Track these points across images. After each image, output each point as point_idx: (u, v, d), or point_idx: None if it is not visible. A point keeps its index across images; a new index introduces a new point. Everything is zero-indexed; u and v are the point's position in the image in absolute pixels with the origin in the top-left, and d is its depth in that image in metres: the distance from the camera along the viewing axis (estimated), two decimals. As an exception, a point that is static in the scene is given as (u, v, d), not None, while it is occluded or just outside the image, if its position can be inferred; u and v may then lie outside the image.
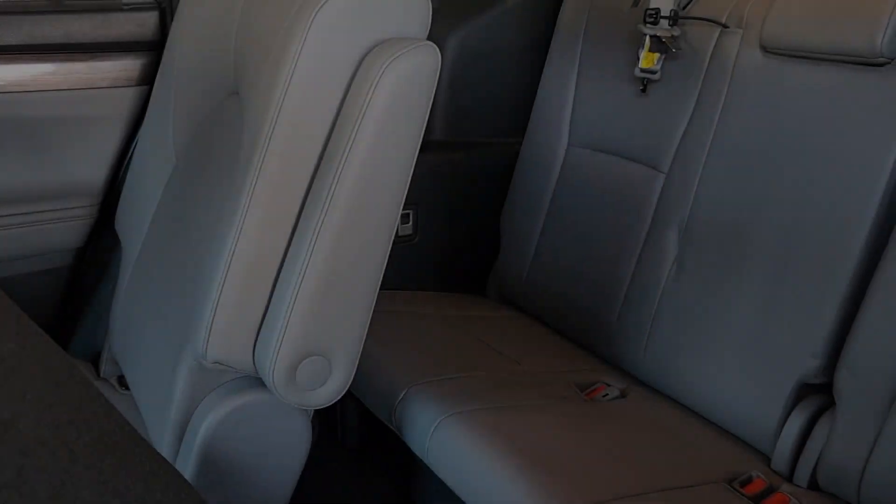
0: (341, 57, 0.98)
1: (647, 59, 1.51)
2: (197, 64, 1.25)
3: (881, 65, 1.20)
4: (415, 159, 1.03)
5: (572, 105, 1.71)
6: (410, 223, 1.80)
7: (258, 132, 0.99)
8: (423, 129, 1.02)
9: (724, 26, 1.43)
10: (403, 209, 1.77)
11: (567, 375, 1.49)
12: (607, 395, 1.44)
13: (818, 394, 1.25)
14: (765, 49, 1.35)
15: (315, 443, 1.16)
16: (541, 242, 1.74)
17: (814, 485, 1.21)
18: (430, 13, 1.03)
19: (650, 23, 1.48)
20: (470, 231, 1.89)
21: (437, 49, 1.00)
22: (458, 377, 1.39)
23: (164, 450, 1.11)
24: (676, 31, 1.48)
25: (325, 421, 1.62)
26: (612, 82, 1.62)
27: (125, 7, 1.46)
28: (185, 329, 1.06)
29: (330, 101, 1.00)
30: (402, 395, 1.34)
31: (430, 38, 1.02)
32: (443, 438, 1.23)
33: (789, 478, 1.23)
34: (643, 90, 1.55)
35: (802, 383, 1.23)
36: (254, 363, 1.05)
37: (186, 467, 1.08)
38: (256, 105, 1.02)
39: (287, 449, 1.12)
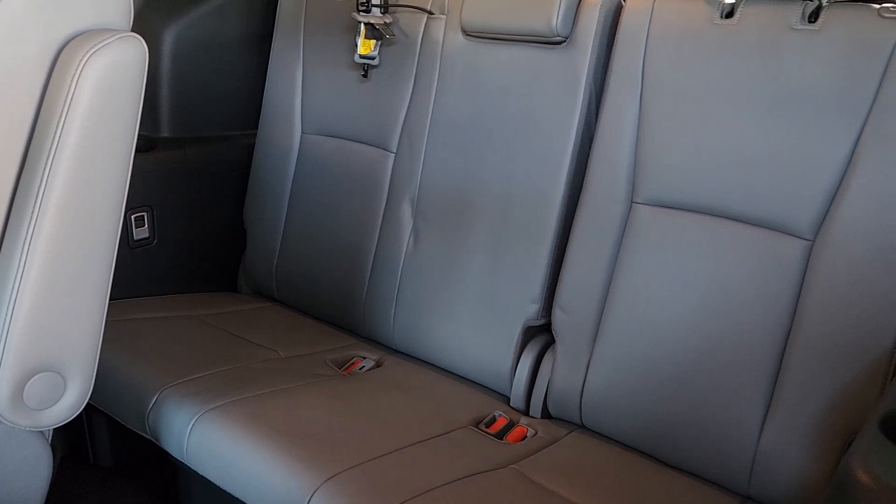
0: (32, 50, 0.93)
1: (365, 46, 1.59)
2: None
3: (559, 43, 1.38)
4: (132, 156, 1.00)
5: (301, 93, 1.74)
6: (146, 226, 1.72)
7: (-58, 138, 0.91)
8: (137, 123, 0.99)
9: (430, 13, 1.55)
10: (137, 211, 1.70)
11: (324, 355, 1.53)
12: (364, 367, 1.51)
13: (542, 334, 1.42)
14: (465, 32, 1.49)
15: (60, 465, 1.09)
16: (286, 231, 1.76)
17: (546, 414, 1.38)
18: (132, 4, 1.01)
19: (363, 11, 1.56)
20: (214, 228, 1.85)
21: (143, 40, 0.98)
22: (213, 373, 1.38)
23: None
24: (388, 19, 1.57)
25: (71, 440, 1.51)
26: (335, 69, 1.68)
27: None
28: None
29: (26, 100, 0.94)
30: (153, 399, 1.30)
31: (145, 30, 1.00)
32: (201, 436, 1.22)
33: (526, 411, 1.39)
34: (365, 75, 1.62)
35: (528, 326, 1.40)
36: (-29, 390, 0.96)
37: None
38: (-63, 109, 0.93)
39: (24, 477, 1.04)
